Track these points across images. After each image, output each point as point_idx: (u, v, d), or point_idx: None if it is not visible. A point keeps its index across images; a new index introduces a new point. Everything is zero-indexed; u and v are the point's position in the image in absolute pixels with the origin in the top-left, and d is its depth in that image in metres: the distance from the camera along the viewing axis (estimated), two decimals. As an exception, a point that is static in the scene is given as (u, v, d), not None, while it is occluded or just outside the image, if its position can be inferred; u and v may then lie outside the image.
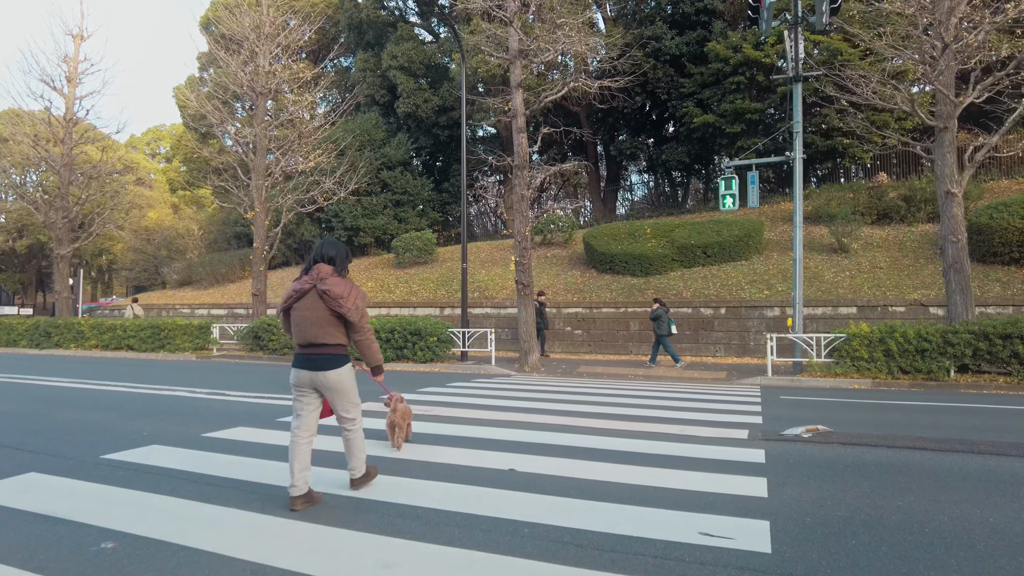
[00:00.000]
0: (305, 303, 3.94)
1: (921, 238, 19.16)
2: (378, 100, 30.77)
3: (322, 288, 3.88)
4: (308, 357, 3.93)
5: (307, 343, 3.93)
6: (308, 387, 3.99)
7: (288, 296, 4.01)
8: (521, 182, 15.35)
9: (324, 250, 4.06)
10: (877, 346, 12.36)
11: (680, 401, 8.90)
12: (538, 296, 16.42)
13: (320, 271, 3.96)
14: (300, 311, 3.95)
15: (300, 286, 3.96)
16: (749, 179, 13.98)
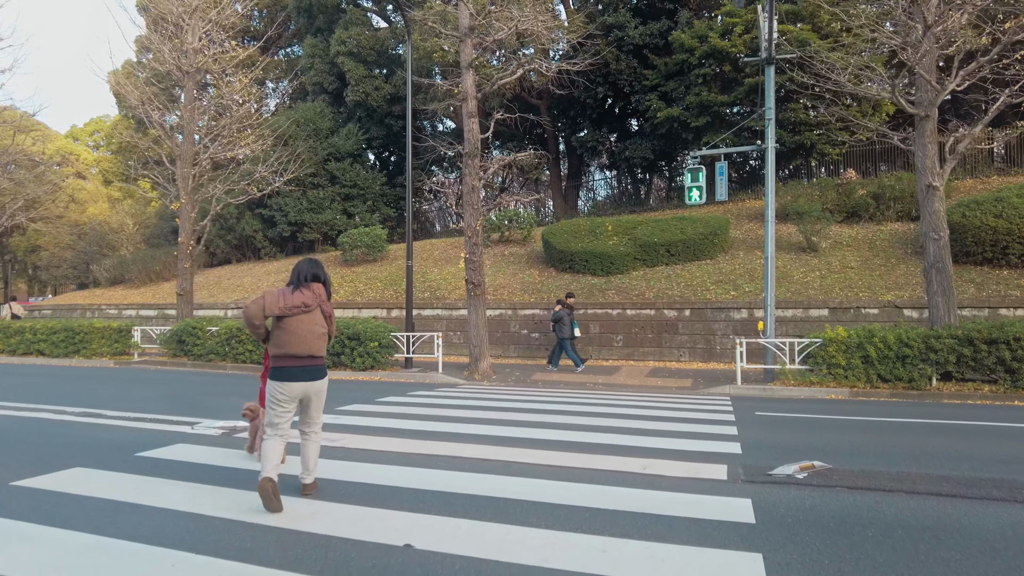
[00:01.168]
0: (312, 317, 4.28)
1: (891, 237, 18.42)
2: (327, 88, 29.00)
3: (328, 311, 4.39)
4: (306, 368, 4.22)
5: (308, 354, 4.23)
6: (298, 397, 4.24)
7: (295, 305, 4.20)
8: (472, 172, 13.99)
9: (316, 271, 4.40)
10: (855, 352, 11.36)
11: (643, 420, 7.65)
12: (567, 298, 14.93)
13: (320, 292, 4.34)
14: (306, 324, 4.23)
15: (308, 301, 4.23)
16: (717, 170, 12.88)
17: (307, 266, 4.42)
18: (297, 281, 4.33)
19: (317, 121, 27.15)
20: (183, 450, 5.76)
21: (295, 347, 4.18)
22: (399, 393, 10.42)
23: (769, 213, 12.37)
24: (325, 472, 4.89)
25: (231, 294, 23.16)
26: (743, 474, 4.92)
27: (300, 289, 4.29)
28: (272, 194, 25.71)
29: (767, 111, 12.38)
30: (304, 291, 4.27)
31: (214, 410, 8.27)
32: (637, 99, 23.60)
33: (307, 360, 4.22)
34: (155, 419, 7.53)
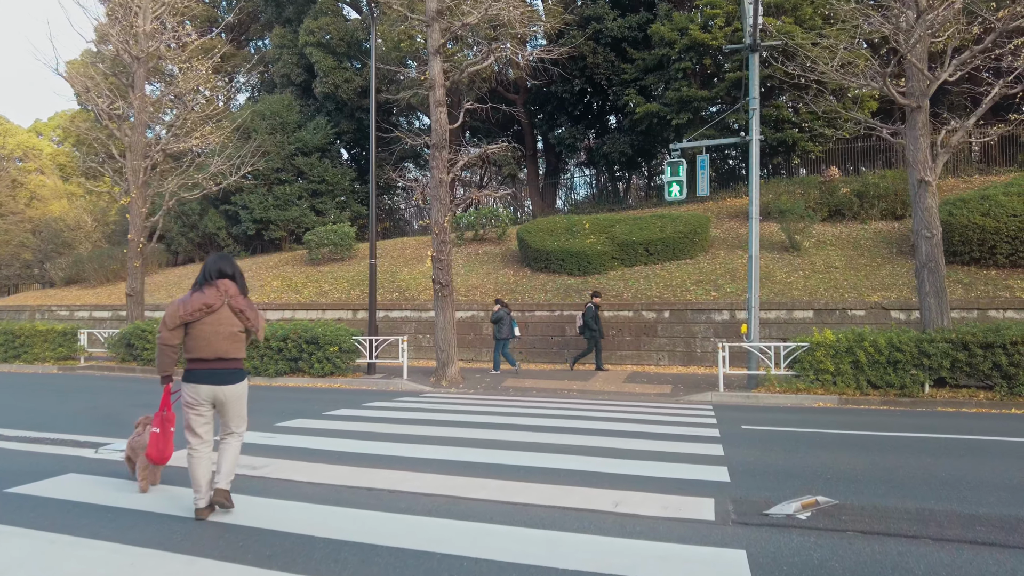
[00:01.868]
0: (217, 318, 4.01)
1: (876, 236, 17.88)
2: (295, 80, 27.90)
3: (239, 306, 4.07)
4: (213, 372, 4.02)
5: (216, 357, 4.01)
6: (208, 402, 4.05)
7: (195, 309, 3.97)
8: (440, 164, 13.12)
9: (222, 266, 4.12)
10: (844, 357, 10.69)
11: (618, 437, 6.84)
12: (593, 298, 14.45)
13: (228, 288, 4.06)
14: (211, 325, 4.00)
15: (209, 301, 3.97)
16: (699, 164, 12.15)
17: (213, 262, 4.17)
18: (202, 281, 4.11)
19: (284, 114, 26.05)
20: (69, 483, 4.82)
21: (201, 350, 4.01)
22: (354, 404, 9.51)
23: (753, 209, 11.67)
24: (232, 514, 4.00)
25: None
26: (734, 512, 4.12)
27: (203, 289, 4.05)
28: (236, 190, 24.64)
29: (751, 101, 11.67)
30: (207, 290, 4.04)
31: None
32: (615, 93, 22.88)
33: (215, 363, 4.04)
34: (59, 439, 6.55)
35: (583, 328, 14.14)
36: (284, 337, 13.60)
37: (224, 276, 4.12)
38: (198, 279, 4.13)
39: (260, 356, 13.81)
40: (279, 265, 23.42)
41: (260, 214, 24.85)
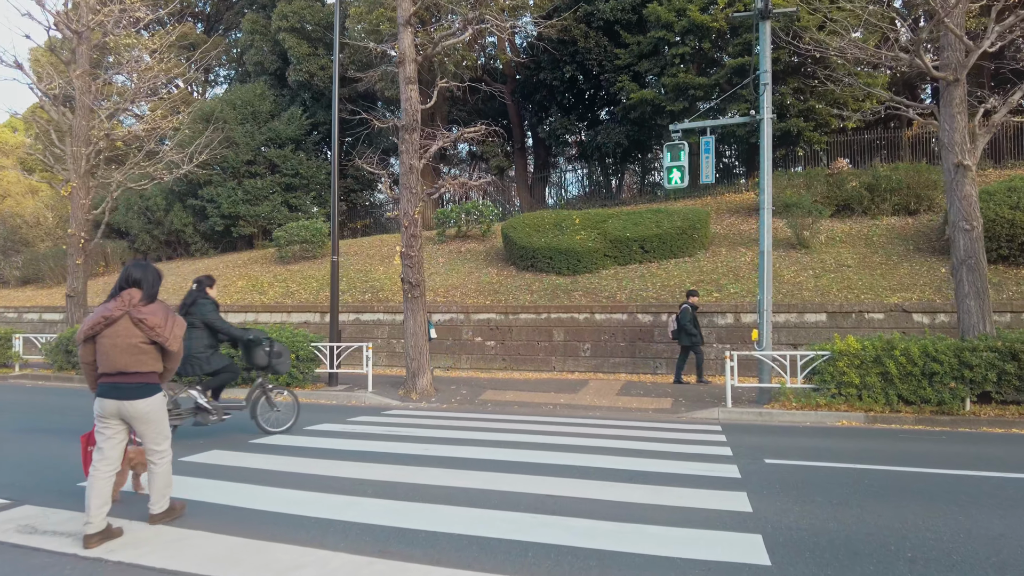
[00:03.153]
0: (115, 330, 3.80)
1: (889, 232, 16.49)
2: (268, 68, 26.28)
3: (138, 316, 3.81)
4: (115, 386, 3.84)
5: (116, 371, 3.82)
6: (114, 417, 3.88)
7: (94, 323, 3.81)
8: (410, 148, 11.61)
9: (131, 273, 3.94)
10: (871, 368, 9.25)
11: (610, 480, 5.35)
12: (689, 298, 12.26)
13: (132, 297, 3.85)
14: (109, 338, 3.80)
15: (108, 312, 3.80)
16: (702, 147, 10.68)
17: (125, 270, 4.01)
18: (115, 291, 3.95)
19: (256, 103, 24.44)
20: None
21: (103, 364, 3.84)
22: (299, 426, 7.96)
23: (765, 198, 10.21)
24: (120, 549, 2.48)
25: (150, 295, 20.35)
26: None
27: (110, 300, 3.91)
28: (203, 183, 23.05)
29: (761, 76, 10.22)
30: (112, 301, 3.89)
31: (39, 469, 5.75)
32: (608, 79, 21.40)
33: (117, 377, 3.85)
34: None
35: (678, 333, 12.00)
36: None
37: (133, 285, 3.91)
38: (112, 289, 3.96)
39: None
40: (247, 264, 21.82)
41: (229, 209, 23.22)
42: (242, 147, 23.44)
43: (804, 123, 19.83)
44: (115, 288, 3.94)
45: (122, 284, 3.93)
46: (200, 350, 6.73)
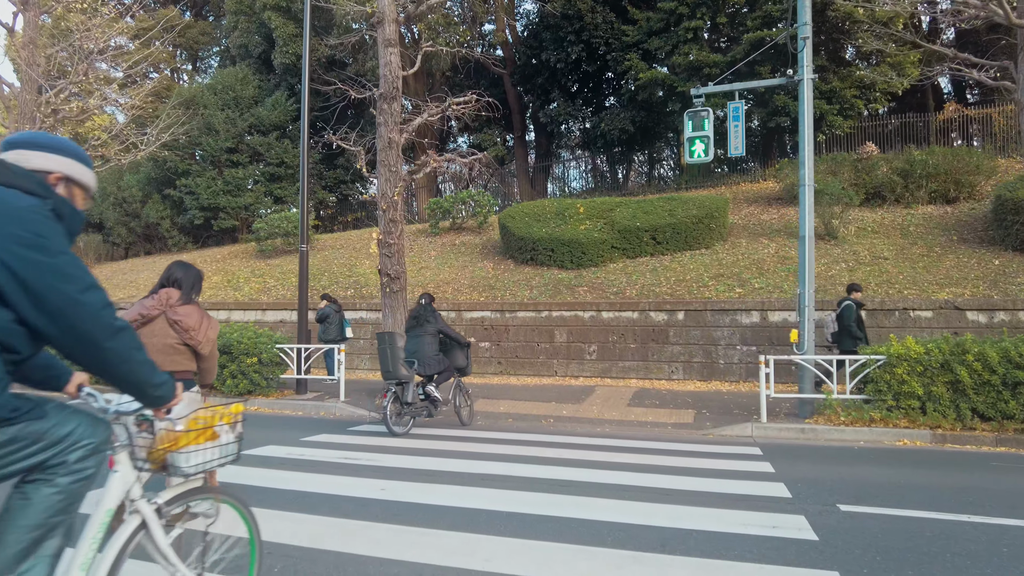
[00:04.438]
0: (151, 329, 3.69)
1: (926, 222, 14.87)
2: (252, 51, 24.72)
3: (174, 317, 3.72)
4: None
5: None
6: None
7: (131, 319, 3.64)
8: (389, 119, 10.06)
9: (172, 272, 3.90)
10: (937, 376, 7.66)
11: (626, 551, 3.77)
12: (851, 293, 9.77)
13: (170, 296, 3.79)
14: (145, 337, 3.58)
15: (145, 311, 3.71)
16: (730, 115, 9.09)
17: (168, 269, 3.93)
18: (156, 288, 3.85)
19: (238, 88, 22.93)
20: None
21: None
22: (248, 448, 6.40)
23: (806, 173, 8.61)
24: None
25: (120, 291, 18.85)
26: None
27: (148, 298, 3.80)
28: (181, 173, 21.55)
29: (800, 28, 8.63)
30: (150, 299, 3.78)
31: None
32: (615, 59, 19.78)
33: None
34: None
35: (839, 335, 9.63)
36: (192, 345, 10.49)
37: (172, 285, 3.83)
38: (154, 287, 3.86)
39: (163, 369, 10.72)
40: (227, 258, 20.29)
41: (208, 200, 21.69)
42: (223, 134, 21.92)
43: (828, 105, 18.24)
44: (156, 286, 3.86)
45: (163, 282, 3.86)
46: (433, 354, 8.00)
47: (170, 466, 2.14)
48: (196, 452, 2.17)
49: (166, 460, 2.13)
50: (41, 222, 1.68)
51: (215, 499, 2.35)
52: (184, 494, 2.21)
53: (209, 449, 2.22)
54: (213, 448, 2.24)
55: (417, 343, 7.94)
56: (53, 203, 1.76)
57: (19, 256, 1.61)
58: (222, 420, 2.29)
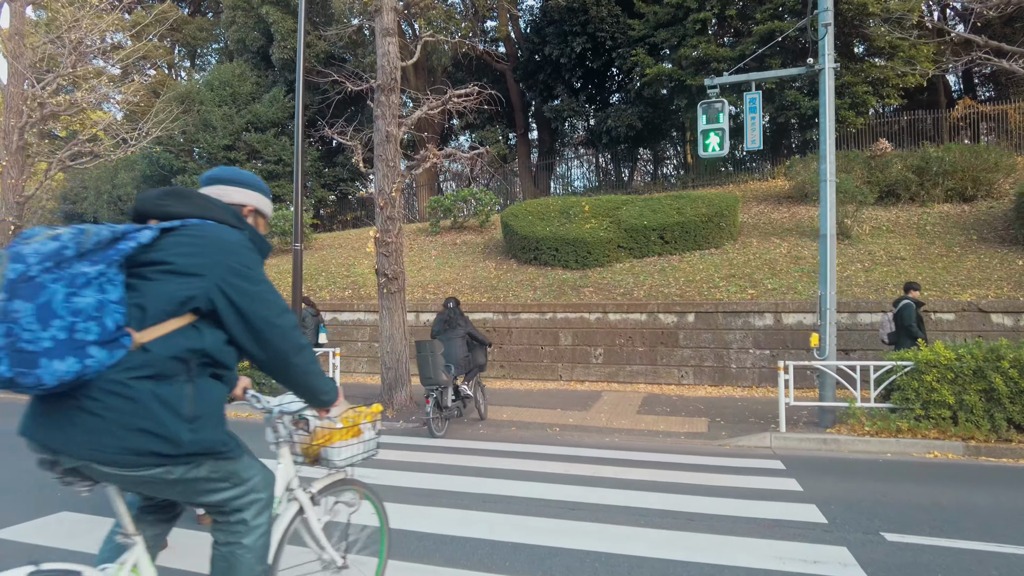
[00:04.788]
0: None
1: (943, 221, 14.38)
2: (250, 46, 24.25)
3: None
4: None
5: None
6: None
7: None
8: (387, 112, 9.59)
9: None
10: (970, 383, 7.18)
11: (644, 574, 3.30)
12: (909, 292, 9.04)
13: None
14: None
15: None
16: (746, 106, 8.62)
17: None
18: None
19: (235, 84, 22.46)
20: None
21: None
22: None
23: (827, 168, 8.12)
24: None
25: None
26: None
27: None
28: (177, 170, 21.12)
29: (821, 14, 8.13)
30: None
31: None
32: (620, 54, 19.29)
33: None
34: None
35: (897, 335, 8.91)
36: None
37: None
38: None
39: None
40: (223, 258, 19.83)
41: (204, 198, 21.20)
42: (220, 131, 21.47)
43: (839, 100, 17.73)
44: None
45: None
46: (464, 356, 8.46)
47: (323, 459, 2.44)
48: (346, 447, 2.46)
49: (319, 454, 2.44)
50: (247, 254, 1.88)
51: (357, 490, 2.66)
52: (333, 484, 2.52)
53: (356, 444, 2.51)
54: (358, 444, 2.53)
55: (449, 346, 8.29)
56: (249, 234, 1.96)
57: (233, 285, 1.80)
58: (365, 419, 2.57)
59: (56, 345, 1.52)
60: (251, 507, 1.93)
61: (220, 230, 1.87)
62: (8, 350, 1.50)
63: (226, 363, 1.87)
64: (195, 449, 1.74)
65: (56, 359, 1.52)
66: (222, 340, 1.84)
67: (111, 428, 1.63)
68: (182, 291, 1.74)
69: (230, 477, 1.87)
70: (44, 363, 1.51)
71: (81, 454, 1.65)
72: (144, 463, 1.68)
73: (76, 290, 1.56)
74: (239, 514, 1.92)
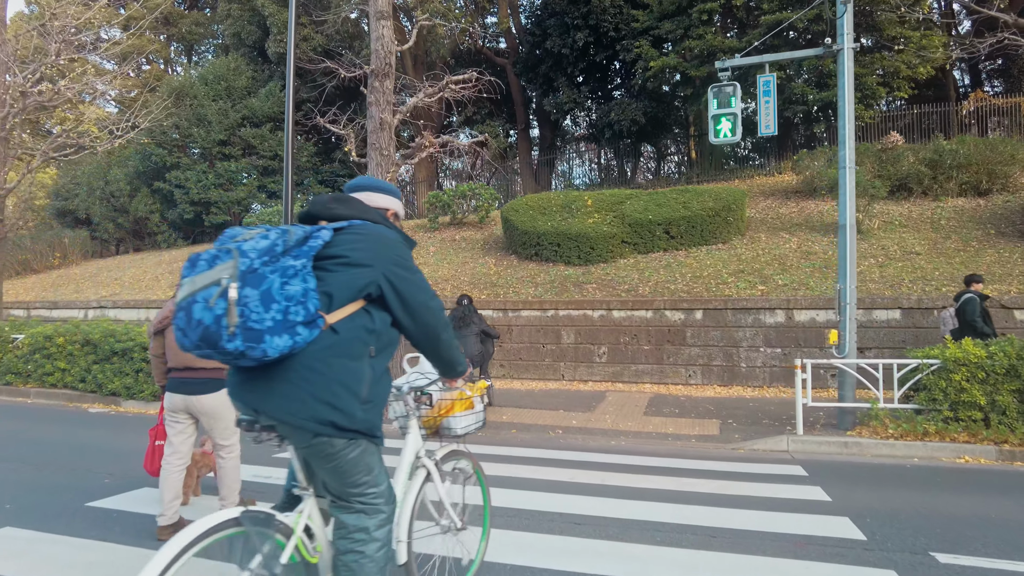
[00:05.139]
0: None
1: (958, 215, 13.91)
2: (246, 40, 23.80)
3: None
4: (182, 381, 3.86)
5: (183, 366, 3.84)
6: (182, 412, 3.93)
7: (163, 316, 3.94)
8: (381, 98, 9.12)
9: None
10: (1003, 383, 6.71)
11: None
12: (971, 284, 8.47)
13: None
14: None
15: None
16: (760, 89, 8.15)
17: None
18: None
19: (230, 78, 22.01)
20: None
21: (170, 359, 3.90)
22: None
23: (847, 154, 7.65)
24: None
25: (103, 289, 17.96)
26: None
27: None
28: (171, 165, 20.68)
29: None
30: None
31: None
32: (624, 46, 18.81)
33: (184, 372, 3.86)
34: None
35: (961, 331, 8.16)
36: (116, 341, 9.62)
37: None
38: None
39: (135, 371, 9.89)
40: (216, 255, 19.34)
41: (199, 195, 20.77)
42: (214, 126, 21.02)
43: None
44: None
45: None
46: (478, 351, 8.54)
47: (444, 429, 2.75)
48: (463, 417, 2.77)
49: (440, 425, 2.75)
50: (403, 248, 2.19)
51: (470, 459, 2.89)
52: (451, 453, 2.77)
53: (470, 415, 2.81)
54: (472, 415, 2.83)
55: (464, 343, 8.43)
56: (399, 232, 2.27)
57: (395, 273, 2.10)
58: (476, 393, 2.82)
59: (275, 324, 1.82)
60: (376, 516, 2.10)
61: (380, 229, 2.17)
62: (241, 328, 1.79)
63: (392, 341, 2.17)
64: (362, 427, 2.01)
65: (276, 336, 1.83)
66: (387, 321, 2.13)
67: (302, 396, 1.92)
68: (358, 280, 2.02)
69: (371, 471, 2.09)
70: (268, 339, 1.81)
71: (276, 415, 1.95)
72: (322, 431, 1.95)
73: (288, 280, 1.85)
74: (357, 517, 2.08)
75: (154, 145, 20.69)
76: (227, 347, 1.79)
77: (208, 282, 1.81)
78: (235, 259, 1.83)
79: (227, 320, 1.78)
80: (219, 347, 1.80)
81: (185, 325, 1.82)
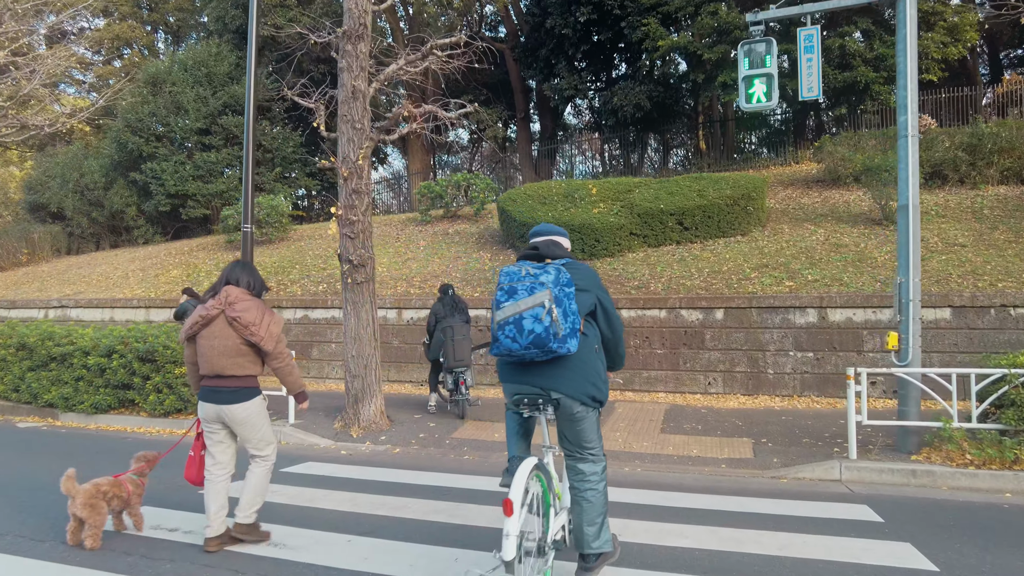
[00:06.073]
0: (212, 330, 3.68)
1: (1002, 204, 12.58)
2: (230, 25, 22.46)
3: (232, 315, 3.64)
4: (213, 390, 3.73)
5: (214, 374, 3.71)
6: (216, 422, 3.80)
7: (193, 323, 3.73)
8: (353, 64, 7.84)
9: (234, 273, 3.85)
10: (1113, 399, 5.37)
11: None
12: None
13: (229, 294, 3.70)
14: (207, 339, 3.69)
15: (205, 311, 3.69)
16: (800, 46, 6.82)
17: (225, 269, 3.91)
18: (214, 289, 3.82)
19: (211, 64, 20.69)
20: None
21: (201, 366, 3.75)
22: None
23: (909, 119, 6.33)
24: None
25: (68, 287, 16.66)
26: None
27: (209, 299, 3.78)
28: (147, 156, 19.41)
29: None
30: (209, 300, 3.76)
31: None
32: (630, 23, 17.44)
33: (214, 380, 3.73)
34: None
35: None
36: (109, 351, 8.32)
37: (234, 282, 3.82)
38: (214, 285, 3.85)
39: (75, 380, 8.61)
40: (194, 251, 18.07)
41: (175, 187, 19.46)
42: (192, 114, 19.71)
43: (874, 73, 16.05)
44: (215, 285, 3.79)
45: (224, 281, 3.79)
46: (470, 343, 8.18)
47: None
48: None
49: None
50: (598, 277, 3.28)
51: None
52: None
53: None
54: None
55: (456, 336, 8.13)
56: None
57: (602, 296, 3.21)
58: None
59: (569, 332, 2.88)
60: (599, 463, 3.13)
61: (584, 264, 3.28)
62: (554, 333, 2.81)
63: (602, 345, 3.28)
64: (602, 398, 3.09)
65: (572, 339, 2.89)
66: (597, 329, 3.22)
67: (577, 378, 3.00)
68: (587, 301, 3.11)
69: (598, 432, 3.16)
70: (569, 341, 2.87)
71: (564, 391, 2.98)
72: (587, 402, 3.04)
73: (569, 302, 2.93)
74: (590, 465, 3.10)
75: (130, 132, 19.41)
76: (552, 347, 2.81)
77: (533, 304, 2.83)
78: (548, 289, 2.85)
79: (555, 329, 2.81)
80: (545, 347, 2.81)
81: (516, 333, 2.83)
